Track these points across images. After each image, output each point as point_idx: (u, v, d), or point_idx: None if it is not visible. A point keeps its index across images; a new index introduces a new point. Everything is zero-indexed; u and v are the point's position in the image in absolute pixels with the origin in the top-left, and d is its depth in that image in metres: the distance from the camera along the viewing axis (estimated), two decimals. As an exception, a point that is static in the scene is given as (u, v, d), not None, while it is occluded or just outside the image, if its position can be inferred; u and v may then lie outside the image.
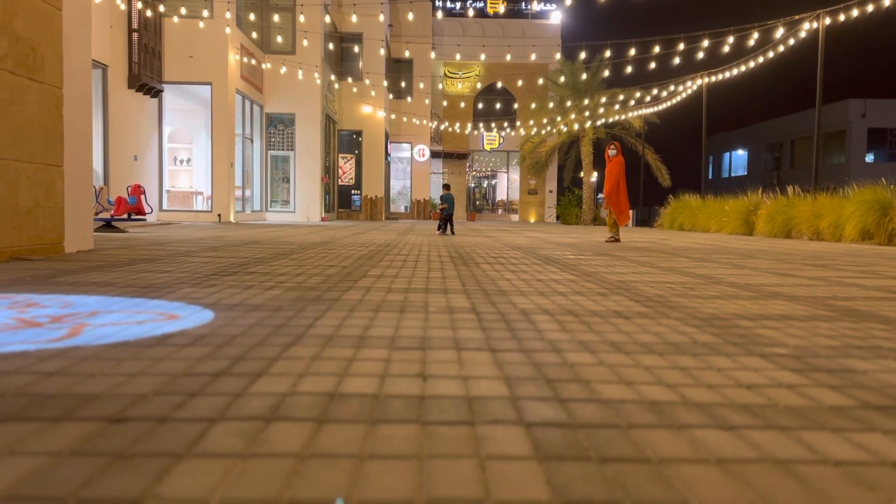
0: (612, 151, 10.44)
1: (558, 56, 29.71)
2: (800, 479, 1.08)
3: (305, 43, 20.60)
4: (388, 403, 1.45)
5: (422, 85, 30.10)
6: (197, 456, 1.12)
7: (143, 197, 11.23)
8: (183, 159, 19.93)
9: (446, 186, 13.29)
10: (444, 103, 31.66)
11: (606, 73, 21.60)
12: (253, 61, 20.10)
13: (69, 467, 1.07)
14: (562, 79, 27.68)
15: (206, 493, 0.98)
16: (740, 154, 49.39)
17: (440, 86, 33.44)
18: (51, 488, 0.99)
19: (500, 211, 36.91)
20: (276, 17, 19.91)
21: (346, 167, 26.97)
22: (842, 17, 13.85)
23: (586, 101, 26.31)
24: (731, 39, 15.62)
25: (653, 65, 17.39)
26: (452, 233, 12.21)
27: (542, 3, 33.80)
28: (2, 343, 2.00)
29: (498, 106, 29.97)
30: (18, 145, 4.82)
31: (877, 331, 2.49)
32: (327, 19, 23.25)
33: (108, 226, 10.48)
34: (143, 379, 1.61)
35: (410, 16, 22.37)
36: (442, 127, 31.19)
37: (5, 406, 1.39)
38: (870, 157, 37.77)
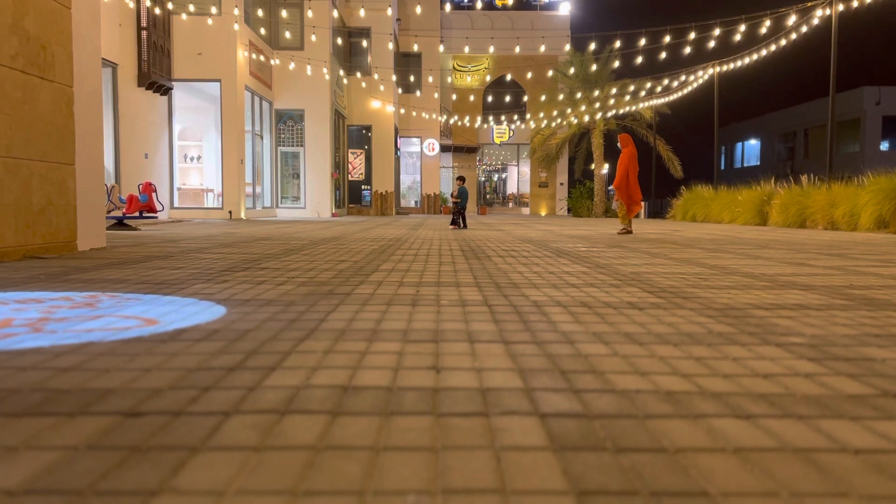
0: (622, 145, 10.43)
1: (568, 47, 29.53)
2: (819, 467, 1.07)
3: (314, 38, 20.61)
4: (401, 395, 1.44)
5: (431, 79, 30.06)
6: (212, 449, 1.13)
7: (154, 195, 11.29)
8: (193, 157, 20.02)
9: (461, 179, 13.04)
10: (454, 97, 31.56)
11: (616, 63, 21.42)
12: (262, 57, 20.14)
13: (86, 461, 1.07)
14: (571, 70, 27.53)
15: (223, 486, 0.98)
16: (753, 144, 48.93)
17: (449, 79, 33.37)
18: (68, 482, 0.99)
19: (510, 204, 36.80)
20: (283, 13, 19.93)
21: (356, 162, 26.99)
22: (855, 3, 13.67)
23: (596, 93, 26.16)
24: (742, 28, 15.46)
25: (663, 55, 17.26)
26: (464, 226, 12.18)
27: (551, -5, 33.60)
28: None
29: (507, 99, 29.85)
30: (31, 144, 4.85)
31: (894, 319, 2.46)
32: (335, 14, 23.25)
33: (119, 224, 10.55)
34: (158, 374, 1.62)
35: (418, 9, 22.28)
36: (451, 121, 31.12)
37: (22, 401, 1.40)
38: (884, 146, 37.30)
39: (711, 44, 16.21)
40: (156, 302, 2.77)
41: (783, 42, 15.94)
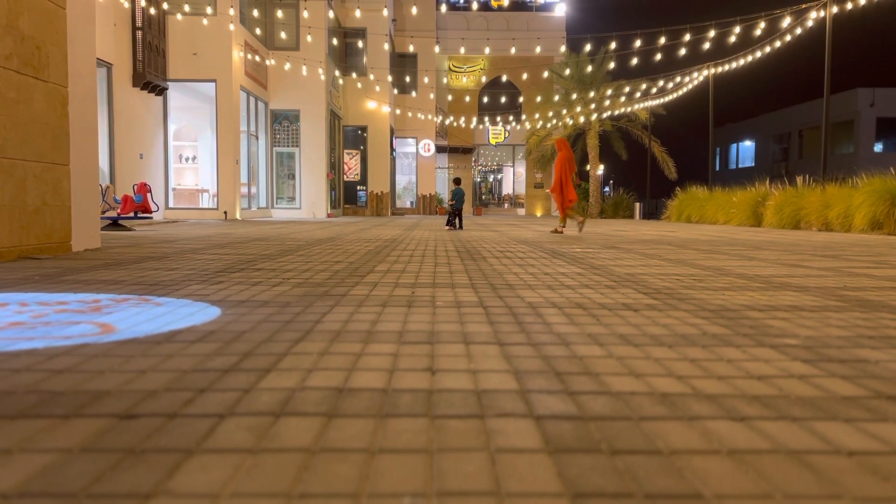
0: (556, 149, 10.73)
1: (563, 48, 29.60)
2: (813, 469, 1.07)
3: (309, 39, 20.61)
4: (397, 397, 1.44)
5: (426, 79, 30.05)
6: (207, 451, 1.12)
7: (149, 195, 11.25)
8: (188, 157, 19.97)
9: (457, 181, 13.12)
10: (449, 98, 31.54)
11: (612, 65, 21.47)
12: (257, 58, 20.11)
13: (80, 463, 1.07)
14: (567, 71, 27.56)
15: (218, 488, 0.98)
16: (748, 145, 49.08)
17: (445, 80, 33.37)
18: (62, 484, 0.99)
19: (506, 205, 36.83)
20: (279, 13, 19.89)
21: (352, 163, 26.97)
22: (849, 5, 13.73)
23: (592, 94, 26.19)
24: (737, 29, 15.51)
25: (659, 56, 17.29)
26: (460, 227, 12.19)
27: (546, -4, 33.64)
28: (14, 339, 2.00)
29: (503, 100, 29.87)
30: (25, 144, 4.83)
31: (888, 320, 2.47)
32: (331, 14, 23.23)
33: (114, 224, 10.52)
34: (153, 375, 1.61)
35: (414, 10, 22.32)
36: (447, 121, 31.12)
37: (16, 403, 1.39)
38: (879, 147, 37.45)
39: (706, 45, 16.26)
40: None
41: (778, 44, 16.00)
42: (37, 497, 0.95)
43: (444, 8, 33.25)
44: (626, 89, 25.12)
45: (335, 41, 23.73)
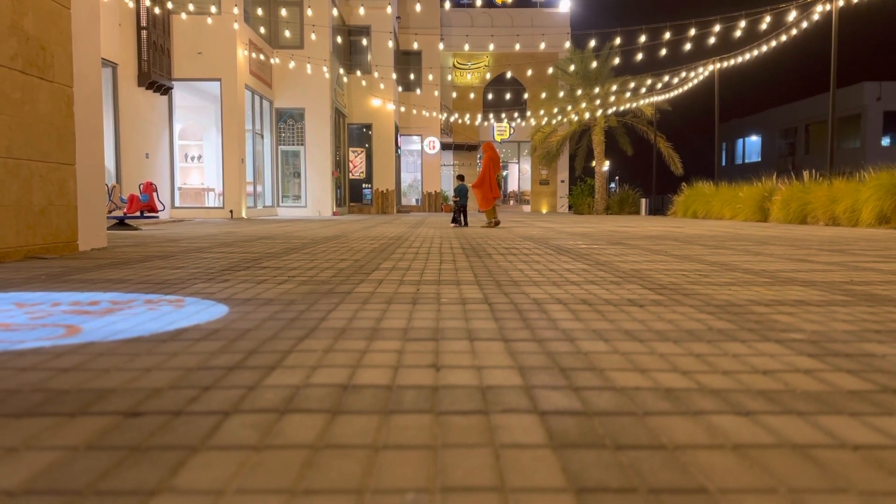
0: (483, 150, 11.78)
1: (568, 45, 29.49)
2: (818, 463, 1.07)
3: (313, 37, 20.60)
4: (401, 394, 1.45)
5: (431, 77, 30.02)
6: (212, 448, 1.13)
7: (155, 194, 11.29)
8: (194, 156, 20.03)
9: (460, 178, 13.28)
10: (454, 95, 31.53)
11: (617, 60, 21.41)
12: (261, 56, 20.13)
13: (86, 461, 1.07)
14: (571, 67, 27.49)
15: (222, 485, 0.98)
16: (754, 140, 48.86)
17: (449, 77, 33.34)
18: (68, 482, 0.99)
19: (511, 202, 36.79)
20: (283, 12, 19.92)
21: (357, 161, 26.98)
22: (855, -1, 13.64)
23: (597, 90, 26.13)
24: (742, 24, 15.44)
25: (664, 51, 17.24)
26: (466, 224, 12.19)
27: (551, -8, 33.56)
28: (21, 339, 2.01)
29: (508, 96, 29.83)
30: (31, 144, 4.85)
31: (895, 314, 2.46)
32: (335, 12, 23.23)
33: (120, 224, 10.56)
34: (158, 373, 1.62)
35: (418, 7, 22.25)
36: (452, 118, 31.09)
37: (22, 402, 1.40)
38: (886, 141, 37.22)
39: (712, 40, 16.19)
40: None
41: (783, 38, 15.91)
42: (42, 494, 0.95)
43: (447, 5, 33.21)
44: (632, 85, 25.02)
45: (339, 39, 23.73)
